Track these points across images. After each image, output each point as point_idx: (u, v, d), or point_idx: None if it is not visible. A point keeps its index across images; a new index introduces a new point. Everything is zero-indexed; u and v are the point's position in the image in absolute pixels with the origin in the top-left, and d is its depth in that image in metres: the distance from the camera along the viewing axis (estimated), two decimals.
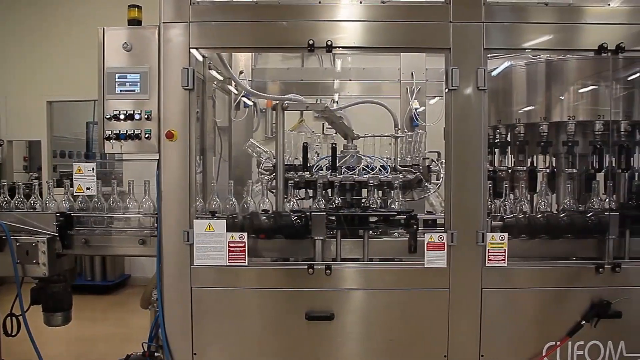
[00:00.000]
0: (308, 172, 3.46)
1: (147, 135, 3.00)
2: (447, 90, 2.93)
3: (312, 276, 2.92)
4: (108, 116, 3.00)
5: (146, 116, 2.98)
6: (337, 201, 3.34)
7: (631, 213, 3.21)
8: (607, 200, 3.30)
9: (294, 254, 3.21)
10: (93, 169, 3.32)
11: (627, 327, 3.00)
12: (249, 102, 4.86)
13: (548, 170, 3.53)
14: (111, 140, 3.02)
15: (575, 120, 3.35)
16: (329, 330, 2.96)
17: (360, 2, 2.93)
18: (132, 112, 2.99)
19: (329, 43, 2.89)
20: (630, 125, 3.36)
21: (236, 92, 4.65)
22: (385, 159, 3.68)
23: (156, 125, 2.97)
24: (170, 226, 2.94)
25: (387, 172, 3.50)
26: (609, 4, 3.03)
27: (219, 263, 2.93)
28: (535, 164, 3.64)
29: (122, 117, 2.98)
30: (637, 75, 3.39)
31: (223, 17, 2.95)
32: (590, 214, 3.19)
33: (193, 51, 2.95)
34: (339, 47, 2.94)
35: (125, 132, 3.00)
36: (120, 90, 3.00)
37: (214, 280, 2.96)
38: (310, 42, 2.88)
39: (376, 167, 3.53)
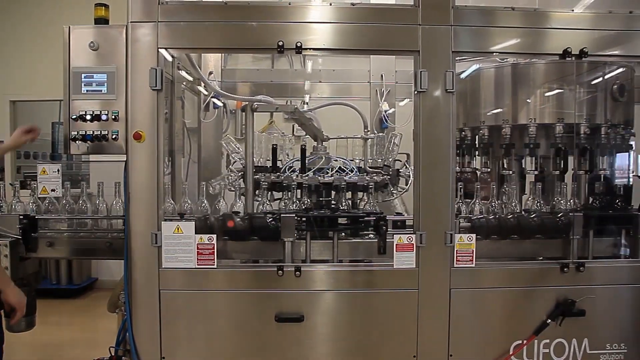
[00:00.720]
0: (277, 174, 3.45)
1: (114, 136, 2.95)
2: (416, 92, 2.96)
3: (281, 278, 2.91)
4: (74, 117, 2.94)
5: (113, 117, 2.94)
6: (306, 203, 3.34)
7: (594, 214, 3.29)
8: (571, 201, 3.38)
9: (264, 256, 3.19)
10: (58, 170, 3.26)
11: (590, 324, 3.07)
12: (219, 103, 4.83)
13: (512, 172, 3.60)
14: (77, 141, 2.97)
15: (538, 123, 3.42)
16: (299, 331, 2.96)
17: (330, 4, 2.94)
18: (98, 113, 2.94)
19: (299, 44, 2.89)
20: (593, 128, 3.44)
21: (206, 92, 4.62)
22: (352, 160, 3.69)
23: (123, 126, 2.93)
24: (138, 228, 2.90)
25: (355, 174, 3.51)
26: (573, 10, 3.10)
27: (188, 265, 2.90)
28: (503, 166, 3.70)
29: (88, 117, 2.93)
30: (600, 79, 3.48)
31: (192, 17, 2.92)
32: (556, 214, 3.25)
33: (162, 51, 2.91)
34: (309, 49, 2.94)
35: (91, 133, 2.95)
36: (87, 91, 2.95)
37: (182, 283, 2.93)
38: (280, 43, 2.88)
39: (346, 169, 3.54)
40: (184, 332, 2.95)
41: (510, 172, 3.59)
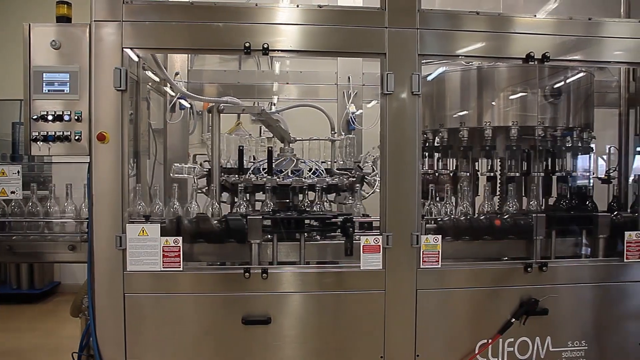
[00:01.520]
0: (244, 176, 3.44)
1: (77, 137, 2.89)
2: (382, 94, 2.98)
3: (248, 280, 2.90)
4: (35, 117, 2.87)
5: (76, 117, 2.88)
6: (273, 204, 3.34)
7: (557, 215, 3.37)
8: (534, 202, 3.45)
9: (231, 258, 3.17)
10: (18, 171, 3.18)
11: (553, 323, 3.13)
12: (186, 104, 4.78)
13: (467, 174, 3.67)
14: (38, 142, 2.90)
15: (502, 125, 3.50)
16: (266, 334, 2.94)
17: (297, 6, 2.94)
18: (61, 113, 2.87)
19: (266, 46, 2.88)
20: (555, 131, 3.52)
21: (172, 93, 4.57)
22: (321, 162, 3.71)
23: (87, 126, 2.87)
24: (102, 231, 2.85)
25: (323, 176, 3.52)
26: (535, 15, 3.16)
27: (153, 268, 2.85)
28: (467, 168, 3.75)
29: (50, 117, 2.87)
30: (562, 83, 3.56)
31: (157, 17, 2.88)
32: (520, 216, 3.32)
33: (127, 51, 2.87)
34: (276, 50, 2.94)
35: (53, 133, 2.88)
36: (48, 90, 2.88)
37: (148, 286, 2.89)
38: (247, 44, 2.86)
39: (318, 171, 3.55)
40: (150, 336, 2.91)
41: (466, 174, 3.65)
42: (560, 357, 3.17)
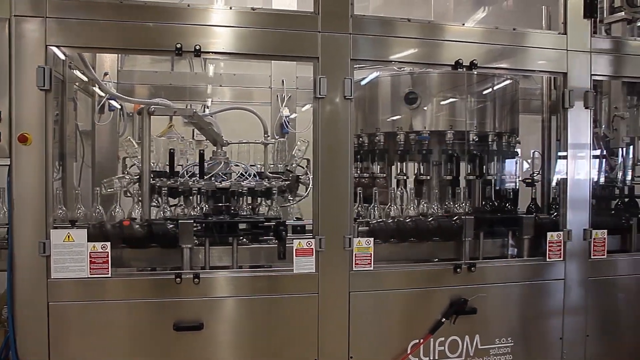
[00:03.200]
0: (174, 179, 3.37)
1: None
2: (315, 98, 2.99)
3: (180, 285, 2.84)
4: None
5: None
6: (204, 208, 3.29)
7: (484, 217, 3.48)
8: (463, 204, 3.55)
9: (163, 263, 3.11)
10: None
11: (481, 321, 3.24)
12: (116, 105, 4.64)
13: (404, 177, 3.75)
14: None
15: (432, 130, 3.59)
16: (199, 340, 2.89)
17: (230, 8, 2.91)
18: None
19: (198, 47, 2.83)
20: (482, 136, 3.64)
21: (102, 94, 4.42)
22: (253, 165, 3.69)
23: (7, 127, 2.73)
24: (24, 237, 2.72)
25: (255, 179, 3.51)
26: (464, 24, 3.26)
27: (80, 275, 2.75)
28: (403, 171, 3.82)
29: None
30: (490, 89, 3.69)
31: (85, 14, 2.78)
32: (450, 218, 3.41)
33: (52, 49, 2.75)
34: (208, 52, 2.91)
35: None
36: None
37: (74, 294, 2.78)
38: (178, 45, 2.81)
39: (246, 174, 3.53)
40: (77, 346, 2.80)
41: (404, 177, 3.73)
42: (488, 354, 3.27)
